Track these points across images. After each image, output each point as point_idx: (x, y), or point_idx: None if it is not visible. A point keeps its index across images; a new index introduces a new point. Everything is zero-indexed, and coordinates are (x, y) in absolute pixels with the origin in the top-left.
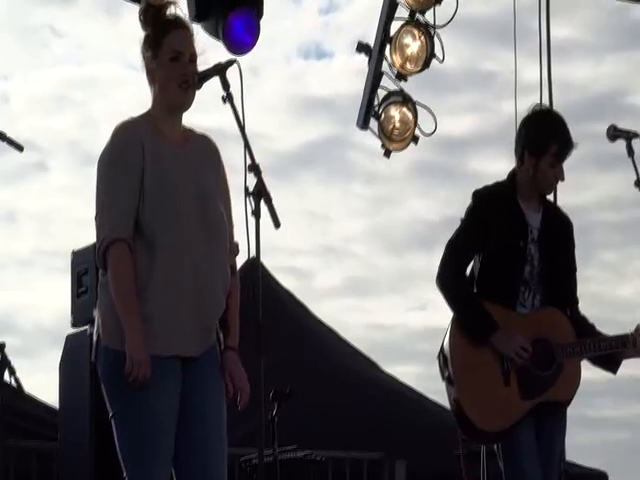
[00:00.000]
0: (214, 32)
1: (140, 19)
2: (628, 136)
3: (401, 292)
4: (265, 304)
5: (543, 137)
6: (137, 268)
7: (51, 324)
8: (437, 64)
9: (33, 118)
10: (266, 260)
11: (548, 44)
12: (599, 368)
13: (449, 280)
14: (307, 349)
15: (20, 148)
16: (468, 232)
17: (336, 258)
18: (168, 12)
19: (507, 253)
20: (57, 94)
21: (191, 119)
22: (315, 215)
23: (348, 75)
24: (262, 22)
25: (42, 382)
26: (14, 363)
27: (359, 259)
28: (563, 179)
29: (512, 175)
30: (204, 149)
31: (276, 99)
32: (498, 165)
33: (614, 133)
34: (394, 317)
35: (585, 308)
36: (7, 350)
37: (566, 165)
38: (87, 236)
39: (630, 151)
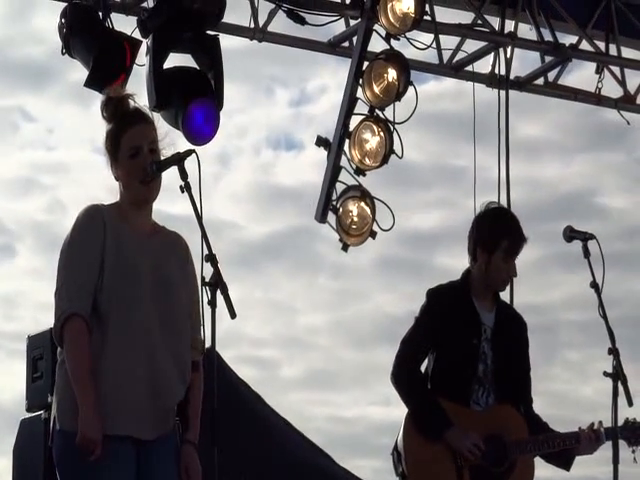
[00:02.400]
0: (174, 122)
1: (102, 114)
2: (584, 237)
3: (364, 386)
4: (220, 394)
5: (494, 233)
6: (92, 346)
7: (11, 407)
8: (408, 159)
9: (1, 201)
10: (229, 350)
11: (507, 143)
12: (553, 465)
13: (403, 376)
14: (261, 440)
15: None
16: (422, 330)
17: (300, 350)
18: (128, 104)
19: (461, 351)
20: (26, 178)
21: (156, 206)
22: (280, 306)
23: (317, 166)
24: (233, 112)
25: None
26: None
27: (323, 351)
28: (515, 275)
29: (466, 273)
30: (172, 244)
31: (244, 189)
32: (465, 261)
33: (570, 234)
34: (356, 411)
35: (548, 407)
36: None
37: (533, 264)
38: (52, 320)
39: (586, 252)
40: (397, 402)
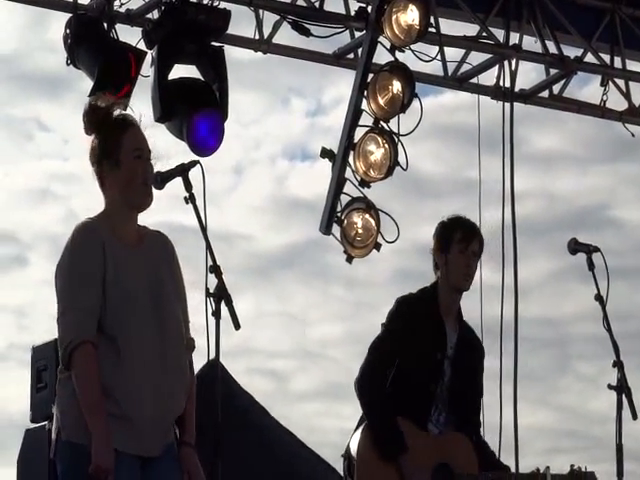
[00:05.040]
0: (178, 133)
1: (86, 122)
2: (588, 250)
3: None
4: (224, 406)
5: (446, 231)
6: (101, 368)
7: (21, 418)
8: (423, 170)
9: (15, 211)
10: (242, 361)
11: (511, 155)
12: None
13: (366, 387)
14: (265, 452)
15: None
16: (390, 338)
17: (313, 362)
18: (117, 113)
19: (424, 364)
20: (40, 188)
21: (167, 217)
22: (294, 317)
23: None
24: (250, 122)
25: (7, 476)
26: None
27: (336, 363)
28: (473, 269)
29: (434, 285)
30: (159, 247)
31: (259, 200)
32: (477, 273)
33: (575, 247)
34: None
35: (560, 420)
36: None
37: (547, 276)
38: None
39: (590, 265)
40: None
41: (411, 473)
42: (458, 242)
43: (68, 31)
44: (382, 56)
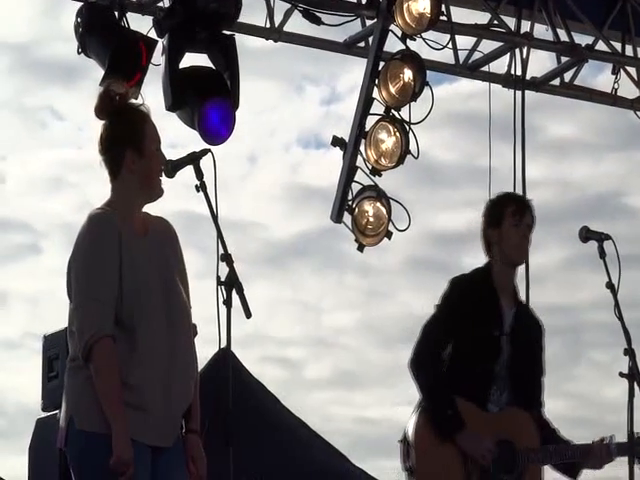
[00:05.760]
0: (189, 121)
1: (101, 106)
2: (600, 238)
3: (390, 386)
4: (235, 394)
5: (498, 206)
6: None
7: (35, 407)
8: (436, 158)
9: (29, 199)
10: (256, 349)
11: (522, 144)
12: (559, 473)
13: (421, 367)
14: (277, 440)
15: None
16: (444, 318)
17: (326, 350)
18: (133, 101)
19: (481, 342)
20: (54, 176)
21: (182, 206)
22: (308, 306)
23: None
24: (264, 110)
25: (20, 464)
26: None
27: (349, 351)
28: (527, 240)
29: (488, 265)
30: (163, 233)
31: (273, 188)
32: None
33: (586, 235)
34: (381, 411)
35: (574, 408)
36: None
37: (561, 264)
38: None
39: (602, 253)
40: None
41: (474, 444)
42: (511, 215)
43: (79, 20)
44: (393, 44)
